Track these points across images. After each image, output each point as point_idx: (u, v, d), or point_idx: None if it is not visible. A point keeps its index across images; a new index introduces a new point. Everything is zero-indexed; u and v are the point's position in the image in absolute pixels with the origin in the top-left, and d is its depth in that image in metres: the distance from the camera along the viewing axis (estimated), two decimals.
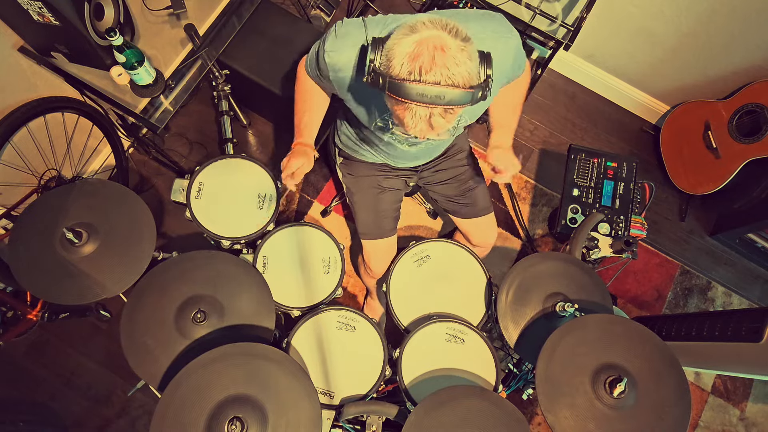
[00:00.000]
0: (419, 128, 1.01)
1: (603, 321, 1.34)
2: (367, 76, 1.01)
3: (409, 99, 0.96)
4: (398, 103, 0.99)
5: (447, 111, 0.98)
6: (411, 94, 0.95)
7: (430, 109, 0.97)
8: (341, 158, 1.71)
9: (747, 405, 2.30)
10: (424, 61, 0.94)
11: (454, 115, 1.01)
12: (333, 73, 1.21)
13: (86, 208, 1.41)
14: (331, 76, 1.22)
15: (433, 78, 0.94)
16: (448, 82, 0.95)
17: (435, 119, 0.99)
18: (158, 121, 1.74)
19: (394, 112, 1.03)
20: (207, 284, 1.40)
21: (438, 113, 0.98)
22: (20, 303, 1.83)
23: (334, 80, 1.23)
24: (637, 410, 1.23)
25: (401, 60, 0.96)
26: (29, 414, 2.02)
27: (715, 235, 2.49)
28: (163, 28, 1.88)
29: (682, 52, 2.28)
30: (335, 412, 1.42)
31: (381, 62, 0.99)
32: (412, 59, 0.95)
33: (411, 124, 1.01)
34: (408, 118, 1.00)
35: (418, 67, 0.94)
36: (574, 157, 2.18)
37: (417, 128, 1.01)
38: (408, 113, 0.99)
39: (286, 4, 2.54)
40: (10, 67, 1.64)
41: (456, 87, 0.95)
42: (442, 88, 0.95)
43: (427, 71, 0.94)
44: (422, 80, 0.94)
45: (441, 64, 0.94)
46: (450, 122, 1.02)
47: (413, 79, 0.95)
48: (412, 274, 1.65)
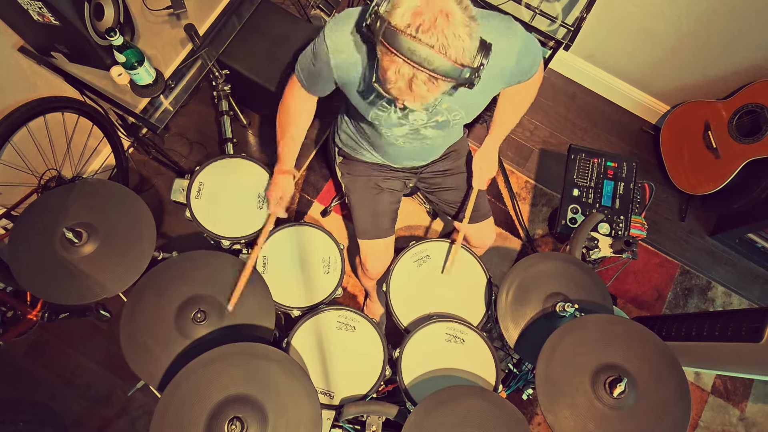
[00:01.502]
0: (398, 86, 0.99)
1: (603, 321, 1.34)
2: (368, 17, 1.00)
3: (398, 51, 0.94)
4: (387, 53, 0.97)
5: (430, 79, 0.96)
6: (401, 46, 0.94)
7: (415, 70, 0.95)
8: (341, 158, 1.71)
9: (747, 405, 2.30)
10: (425, 20, 0.93)
11: (437, 89, 1.00)
12: (334, 56, 1.19)
13: (86, 208, 1.41)
14: (331, 63, 1.20)
15: (428, 39, 0.93)
16: (441, 49, 0.93)
17: (416, 83, 0.97)
18: (158, 121, 1.74)
19: (381, 63, 1.01)
20: (207, 284, 1.40)
21: (421, 79, 0.96)
22: (20, 303, 1.83)
23: (335, 66, 1.21)
24: (637, 410, 1.23)
25: (404, 11, 0.94)
26: (29, 414, 2.02)
27: (715, 235, 2.49)
28: (163, 28, 1.88)
29: (682, 52, 2.28)
30: (335, 412, 1.42)
31: (385, 9, 0.97)
32: (415, 14, 0.93)
33: (392, 78, 0.99)
34: (391, 72, 0.98)
35: (417, 23, 0.93)
36: (574, 157, 2.18)
37: (396, 84, 0.99)
38: (393, 66, 0.97)
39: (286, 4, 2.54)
40: (10, 67, 1.64)
41: (447, 57, 0.94)
42: (432, 52, 0.93)
43: (425, 31, 0.93)
44: (417, 37, 0.93)
45: (440, 29, 0.93)
46: (431, 93, 1.00)
47: (408, 33, 0.93)
48: (412, 274, 1.65)
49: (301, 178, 2.40)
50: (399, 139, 1.43)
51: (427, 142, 1.46)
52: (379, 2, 0.98)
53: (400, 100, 1.04)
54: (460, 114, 1.33)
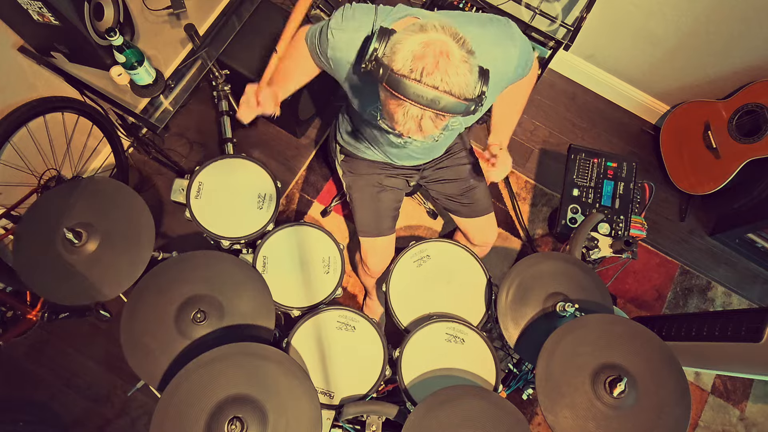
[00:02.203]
0: (407, 126, 1.02)
1: (603, 321, 1.34)
2: (368, 63, 1.02)
3: (406, 96, 0.97)
4: (393, 98, 1.00)
5: (438, 116, 1.00)
6: (408, 91, 0.96)
7: (423, 110, 0.98)
8: (342, 155, 1.71)
9: (747, 405, 2.30)
10: (427, 63, 0.95)
11: (443, 122, 1.03)
12: (332, 51, 1.21)
13: (87, 208, 1.41)
14: (329, 54, 1.22)
15: (432, 81, 0.95)
16: (445, 88, 0.96)
17: (425, 122, 1.00)
18: (158, 121, 1.74)
19: (386, 106, 1.04)
20: (207, 284, 1.40)
21: (429, 116, 1.00)
22: (20, 303, 1.83)
23: (332, 58, 1.23)
24: (637, 410, 1.23)
25: (405, 56, 0.96)
26: (29, 414, 2.02)
27: (715, 235, 2.49)
28: (163, 28, 1.88)
29: (682, 52, 2.28)
30: (335, 412, 1.42)
31: (384, 53, 1.00)
32: (416, 58, 0.96)
33: (401, 121, 1.01)
34: (399, 115, 1.01)
35: (420, 67, 0.95)
36: (574, 157, 2.17)
37: (406, 126, 1.02)
38: (400, 110, 1.00)
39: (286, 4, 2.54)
40: (10, 67, 1.64)
41: (452, 95, 0.97)
42: (438, 93, 0.96)
43: (429, 74, 0.95)
44: (422, 81, 0.95)
45: (443, 70, 0.96)
46: (438, 128, 1.04)
47: (413, 78, 0.96)
48: (412, 274, 1.65)
49: (301, 177, 2.40)
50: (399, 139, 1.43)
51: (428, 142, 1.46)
52: (376, 47, 1.01)
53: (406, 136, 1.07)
54: (459, 121, 1.34)
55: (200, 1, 2.13)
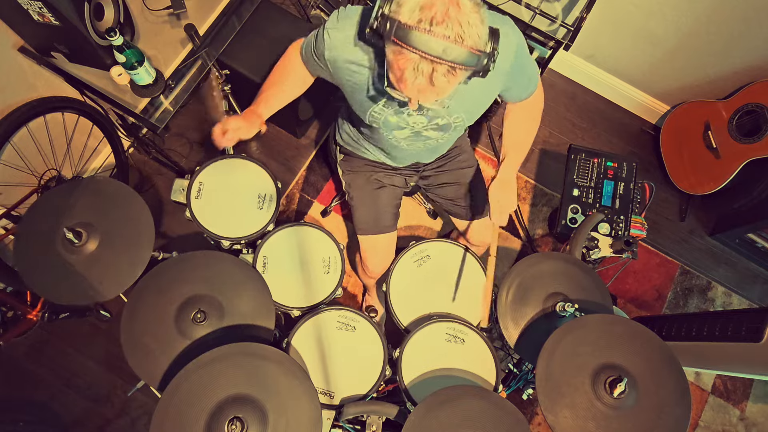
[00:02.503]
0: (418, 83, 0.96)
1: (603, 321, 1.34)
2: (374, 21, 0.96)
3: (415, 48, 0.91)
4: (401, 52, 0.94)
5: (450, 71, 0.94)
6: (417, 42, 0.91)
7: (434, 64, 0.93)
8: (342, 155, 1.71)
9: (747, 405, 2.30)
10: (436, 12, 0.91)
11: (456, 80, 0.97)
12: (328, 51, 1.20)
13: (87, 208, 1.41)
14: (326, 56, 1.21)
15: (443, 31, 0.90)
16: (458, 39, 0.91)
17: (437, 76, 0.95)
18: (158, 121, 1.74)
19: (394, 66, 0.98)
20: (207, 284, 1.40)
21: (441, 72, 0.94)
22: (20, 303, 1.83)
23: (329, 60, 1.22)
24: (637, 410, 1.23)
25: (413, 7, 0.92)
26: (29, 414, 2.02)
27: (715, 235, 2.49)
28: (163, 28, 1.88)
29: (682, 52, 2.28)
30: (335, 412, 1.42)
31: (391, 9, 0.95)
32: (424, 8, 0.91)
33: (410, 78, 0.96)
34: (409, 71, 0.95)
35: (429, 16, 0.91)
36: (574, 157, 2.17)
37: (416, 83, 0.96)
38: (410, 64, 0.94)
39: (286, 4, 2.54)
40: (10, 67, 1.64)
41: (464, 46, 0.92)
42: (450, 43, 0.91)
43: (439, 23, 0.90)
44: (432, 30, 0.90)
45: (454, 18, 0.91)
46: (452, 85, 0.98)
47: (423, 28, 0.91)
48: (412, 274, 1.65)
49: (301, 177, 2.40)
50: (401, 142, 1.43)
51: (429, 143, 1.45)
52: (381, 4, 0.96)
53: (416, 100, 1.02)
54: (461, 117, 1.33)
55: (200, 1, 2.13)
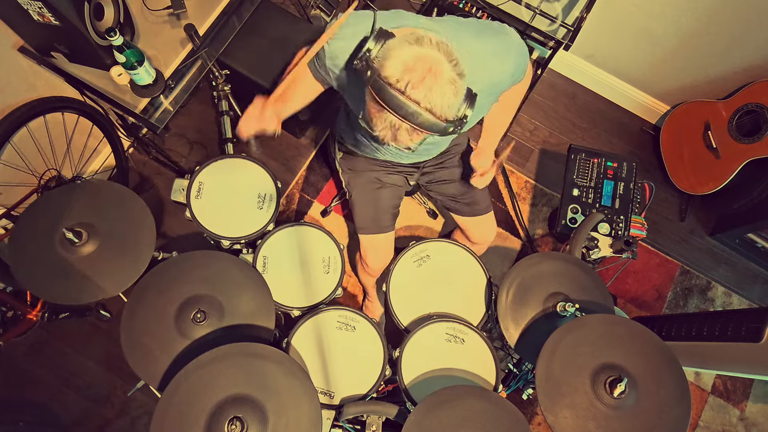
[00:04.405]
0: (383, 132, 1.03)
1: (603, 321, 1.34)
2: (359, 61, 1.03)
3: (386, 104, 0.98)
4: (374, 103, 1.01)
5: (414, 130, 1.01)
6: (390, 101, 0.97)
7: (401, 122, 0.99)
8: (342, 153, 1.71)
9: (747, 405, 2.30)
10: (413, 77, 0.96)
11: (419, 137, 1.04)
12: (330, 60, 1.21)
13: (86, 208, 1.41)
14: (328, 65, 1.23)
15: (415, 95, 0.97)
16: (427, 106, 0.97)
17: (400, 132, 1.02)
18: (158, 121, 1.74)
19: (368, 107, 1.05)
20: (207, 284, 1.40)
21: (405, 128, 1.01)
22: (20, 303, 1.83)
23: (330, 68, 1.23)
24: (637, 410, 1.23)
25: (396, 65, 0.97)
26: (29, 414, 2.02)
27: (715, 235, 2.49)
28: (163, 28, 1.88)
29: (682, 52, 2.28)
30: (335, 412, 1.42)
31: (377, 56, 1.01)
32: (405, 70, 0.97)
33: (378, 125, 1.03)
34: (378, 120, 1.02)
35: (407, 79, 0.96)
36: (574, 157, 2.18)
37: (381, 131, 1.03)
38: (380, 115, 1.01)
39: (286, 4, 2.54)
40: (10, 67, 1.64)
41: (431, 114, 0.98)
42: (418, 109, 0.97)
43: (413, 87, 0.96)
44: (405, 93, 0.97)
45: (428, 86, 0.97)
46: (413, 141, 1.05)
47: (397, 88, 0.97)
48: (412, 274, 1.65)
49: (301, 177, 2.40)
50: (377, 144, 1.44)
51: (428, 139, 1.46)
52: (371, 47, 1.01)
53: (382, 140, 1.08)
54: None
55: (200, 1, 2.13)
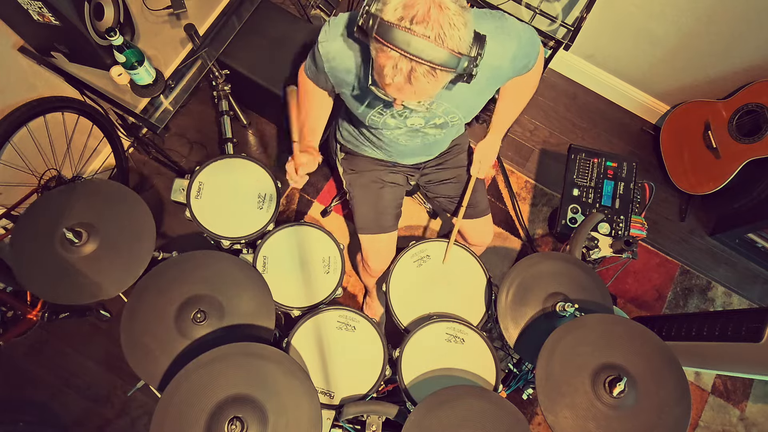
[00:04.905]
0: (397, 81, 0.96)
1: (603, 321, 1.34)
2: (360, 18, 0.97)
3: (394, 45, 0.92)
4: (382, 49, 0.95)
5: (430, 71, 0.94)
6: (397, 40, 0.91)
7: (413, 62, 0.93)
8: (342, 153, 1.71)
9: (747, 405, 2.30)
10: (418, 11, 0.91)
11: (437, 82, 0.97)
12: (327, 63, 1.21)
13: (86, 208, 1.41)
14: (325, 67, 1.22)
15: (423, 30, 0.91)
16: (437, 39, 0.91)
17: (415, 76, 0.95)
18: (158, 121, 1.74)
19: (376, 63, 0.99)
20: (207, 284, 1.40)
21: (420, 72, 0.94)
22: (20, 303, 1.83)
23: (329, 71, 1.23)
24: (637, 410, 1.23)
25: (396, 5, 0.92)
26: (29, 414, 2.02)
27: (715, 235, 2.49)
28: (163, 28, 1.88)
29: (682, 52, 2.28)
30: (335, 412, 1.42)
31: (376, 7, 0.95)
32: (407, 6, 0.91)
33: (389, 74, 0.96)
34: (388, 68, 0.95)
35: (411, 14, 0.91)
36: (574, 157, 2.18)
37: (395, 80, 0.96)
38: (389, 62, 0.95)
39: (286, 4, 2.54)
40: (10, 67, 1.64)
41: (444, 47, 0.92)
42: (429, 43, 0.91)
43: (419, 22, 0.91)
44: (411, 29, 0.91)
45: (435, 19, 0.91)
46: (431, 86, 0.98)
47: (403, 26, 0.91)
48: (412, 274, 1.65)
49: None
50: (400, 138, 1.43)
51: (428, 139, 1.46)
52: (369, 2, 0.96)
53: (399, 98, 1.03)
54: (458, 116, 1.33)
55: (200, 1, 2.13)
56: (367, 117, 1.33)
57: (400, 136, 1.43)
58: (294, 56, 2.10)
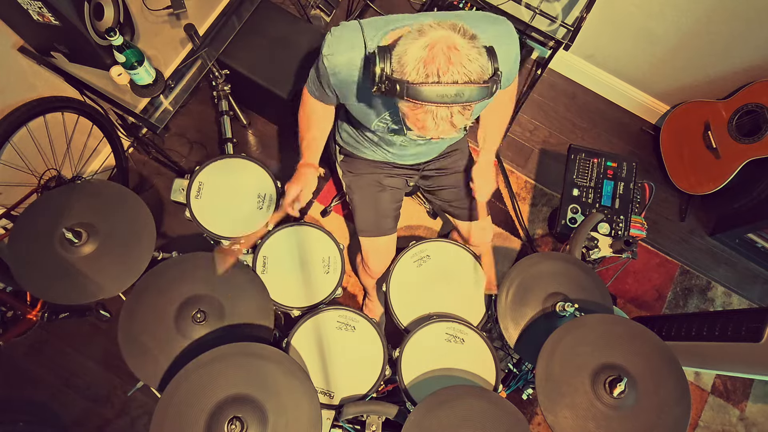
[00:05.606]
0: (441, 129, 1.02)
1: (603, 321, 1.34)
2: (380, 84, 1.02)
3: (430, 101, 0.97)
4: (417, 107, 1.00)
5: (465, 108, 1.00)
6: (431, 96, 0.96)
7: (450, 108, 0.98)
8: (342, 156, 1.71)
9: (747, 405, 2.30)
10: (440, 63, 0.95)
11: (472, 110, 1.03)
12: (333, 76, 1.21)
13: (86, 208, 1.41)
14: (331, 81, 1.22)
15: (450, 78, 0.95)
16: (465, 79, 0.96)
17: (456, 117, 1.01)
18: (158, 121, 1.74)
19: (411, 116, 1.04)
20: (207, 284, 1.40)
21: (458, 111, 1.00)
22: (20, 303, 1.83)
23: (335, 84, 1.23)
24: (637, 410, 1.23)
25: (416, 65, 0.97)
26: (29, 414, 2.02)
27: (715, 235, 2.49)
28: (163, 28, 1.88)
29: (682, 52, 2.28)
30: (335, 412, 1.42)
31: (393, 69, 1.00)
32: (428, 63, 0.96)
33: (432, 126, 1.02)
34: (429, 121, 1.01)
35: (435, 69, 0.96)
36: (574, 157, 2.18)
37: (439, 129, 1.02)
38: (429, 116, 1.00)
39: (286, 4, 2.54)
40: (10, 67, 1.64)
41: (473, 83, 0.97)
42: (460, 87, 0.96)
43: (445, 72, 0.95)
44: (441, 81, 0.96)
45: (456, 63, 0.96)
46: (468, 118, 1.04)
47: (432, 82, 0.96)
48: (412, 274, 1.65)
49: None
50: (402, 140, 1.44)
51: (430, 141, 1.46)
52: (382, 66, 1.00)
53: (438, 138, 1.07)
54: None
55: (200, 1, 2.13)
56: (372, 123, 1.35)
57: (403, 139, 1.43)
58: (294, 56, 2.10)
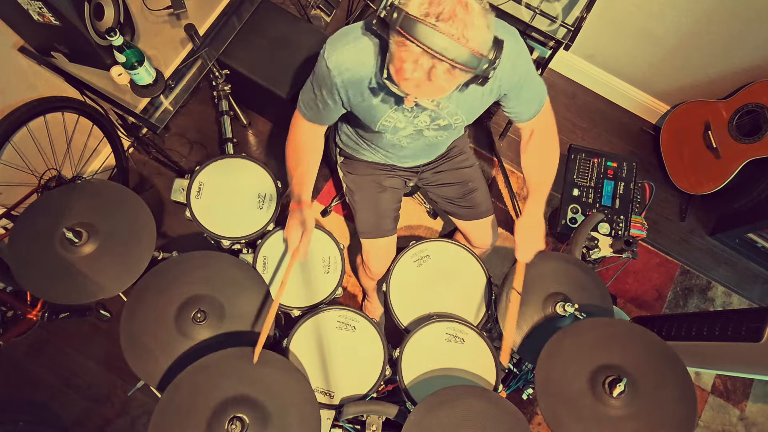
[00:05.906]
0: (416, 77, 0.95)
1: (603, 322, 1.34)
2: (382, 9, 0.95)
3: (417, 39, 0.91)
4: (403, 44, 0.94)
5: (450, 69, 0.94)
6: (421, 35, 0.91)
7: (434, 60, 0.92)
8: (342, 157, 1.71)
9: (747, 405, 2.30)
10: (444, 8, 0.91)
11: (455, 80, 0.97)
12: (340, 77, 1.17)
13: (86, 208, 1.41)
14: (337, 82, 1.18)
15: (448, 28, 0.90)
16: (461, 39, 0.91)
17: (435, 73, 0.94)
18: (158, 121, 1.74)
19: (395, 56, 0.97)
20: (207, 284, 1.40)
21: (441, 69, 0.94)
22: (20, 303, 1.83)
23: (341, 85, 1.19)
24: (639, 411, 1.23)
25: (421, 0, 0.92)
26: (29, 414, 2.02)
27: (715, 235, 2.49)
28: (163, 28, 1.88)
29: (682, 52, 2.28)
30: (335, 411, 1.42)
31: (400, 1, 0.94)
32: (433, 3, 0.91)
33: (409, 69, 0.95)
34: (409, 63, 0.94)
35: (437, 11, 0.91)
36: (574, 157, 2.18)
37: (414, 76, 0.95)
38: (411, 57, 0.94)
39: (286, 4, 2.54)
40: (10, 67, 1.64)
41: (467, 47, 0.92)
42: (453, 41, 0.91)
43: (445, 19, 0.91)
44: (436, 25, 0.90)
45: (460, 18, 0.91)
46: (449, 84, 0.97)
47: (429, 22, 0.91)
48: (412, 274, 1.65)
49: None
50: (402, 140, 1.43)
51: (430, 141, 1.46)
52: None
53: (413, 95, 1.02)
54: (461, 118, 1.33)
55: (200, 1, 2.13)
56: (378, 124, 1.31)
57: (404, 138, 1.42)
58: (294, 56, 2.10)
